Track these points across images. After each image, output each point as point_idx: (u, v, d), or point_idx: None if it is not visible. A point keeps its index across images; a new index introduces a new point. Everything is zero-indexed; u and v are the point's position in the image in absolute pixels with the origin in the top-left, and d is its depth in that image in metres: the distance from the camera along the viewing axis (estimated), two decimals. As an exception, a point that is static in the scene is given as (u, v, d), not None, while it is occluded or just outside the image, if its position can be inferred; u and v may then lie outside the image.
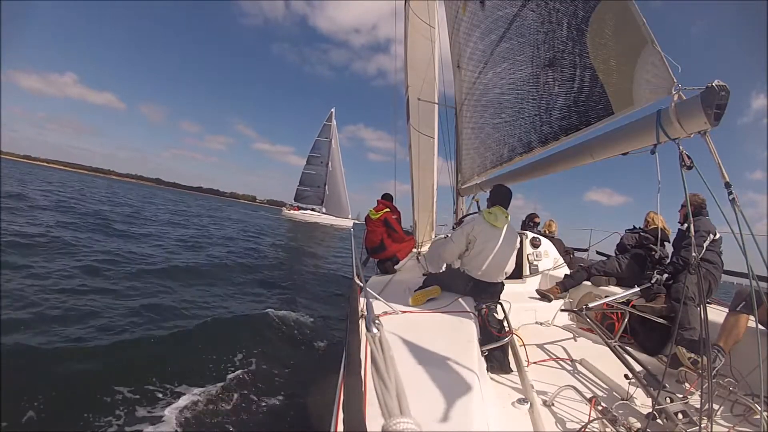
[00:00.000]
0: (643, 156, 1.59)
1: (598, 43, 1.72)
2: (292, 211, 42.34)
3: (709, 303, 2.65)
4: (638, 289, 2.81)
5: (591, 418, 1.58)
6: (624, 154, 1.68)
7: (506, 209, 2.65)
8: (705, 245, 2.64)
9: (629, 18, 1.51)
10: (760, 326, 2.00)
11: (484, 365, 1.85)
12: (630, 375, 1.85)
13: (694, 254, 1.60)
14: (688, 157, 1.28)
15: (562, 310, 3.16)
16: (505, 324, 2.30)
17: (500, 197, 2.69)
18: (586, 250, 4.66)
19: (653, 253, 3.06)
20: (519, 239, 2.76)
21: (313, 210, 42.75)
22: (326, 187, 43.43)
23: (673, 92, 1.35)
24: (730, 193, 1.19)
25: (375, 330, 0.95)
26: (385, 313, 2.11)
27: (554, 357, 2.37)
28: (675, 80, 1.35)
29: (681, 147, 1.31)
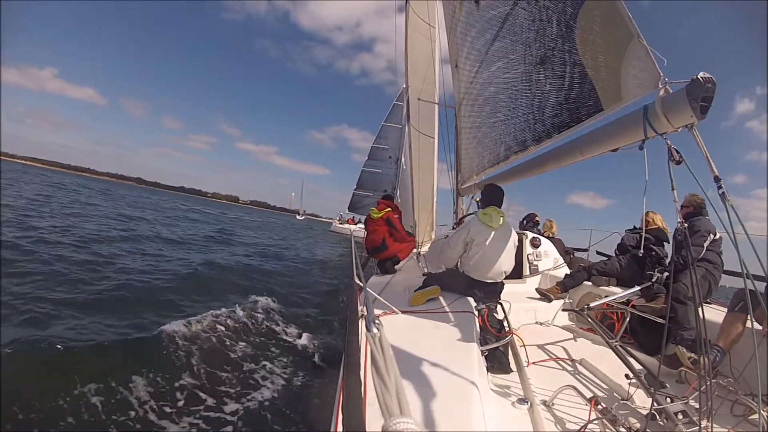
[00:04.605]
0: (630, 158, 1.57)
1: (587, 39, 1.71)
2: (346, 225, 29.80)
3: (709, 303, 2.60)
4: (638, 289, 2.78)
5: (591, 418, 1.56)
6: (613, 150, 1.66)
7: (500, 208, 2.65)
8: (705, 245, 2.61)
9: (615, 13, 1.50)
10: (758, 326, 1.97)
11: (484, 365, 1.84)
12: (630, 375, 1.83)
13: (681, 232, 1.53)
14: (677, 152, 1.25)
15: (562, 310, 3.13)
16: (505, 324, 2.29)
17: (492, 197, 2.71)
18: (586, 250, 4.62)
19: (653, 253, 3.03)
20: (517, 239, 2.76)
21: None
22: (397, 192, 27.18)
23: (660, 86, 1.33)
24: (719, 187, 1.17)
25: (375, 330, 0.95)
26: (385, 313, 2.12)
27: (554, 357, 2.35)
28: (661, 74, 1.33)
29: (669, 142, 1.29)
